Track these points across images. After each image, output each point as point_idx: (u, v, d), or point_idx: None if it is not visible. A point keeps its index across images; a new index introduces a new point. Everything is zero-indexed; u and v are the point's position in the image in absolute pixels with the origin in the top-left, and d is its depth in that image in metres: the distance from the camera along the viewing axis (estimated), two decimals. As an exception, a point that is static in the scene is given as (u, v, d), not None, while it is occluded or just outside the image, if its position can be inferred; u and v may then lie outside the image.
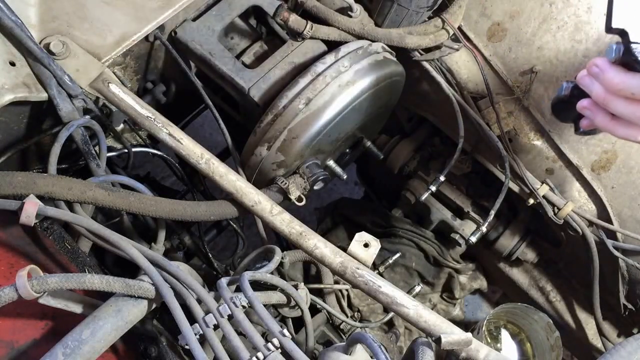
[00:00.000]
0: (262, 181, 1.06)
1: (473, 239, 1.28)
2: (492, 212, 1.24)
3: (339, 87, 1.00)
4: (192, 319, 0.72)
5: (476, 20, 1.22)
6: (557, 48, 1.16)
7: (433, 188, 1.29)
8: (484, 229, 1.27)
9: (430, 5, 1.11)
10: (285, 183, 1.01)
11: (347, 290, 1.25)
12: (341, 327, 1.19)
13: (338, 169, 1.17)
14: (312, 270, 1.22)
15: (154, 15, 1.03)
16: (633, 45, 0.75)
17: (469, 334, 0.80)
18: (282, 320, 1.03)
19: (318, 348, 1.09)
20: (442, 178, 1.27)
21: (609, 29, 0.77)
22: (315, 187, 1.07)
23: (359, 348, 0.78)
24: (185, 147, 0.94)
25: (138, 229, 1.03)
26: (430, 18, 1.17)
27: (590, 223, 1.23)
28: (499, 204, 1.23)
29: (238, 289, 0.78)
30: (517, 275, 1.49)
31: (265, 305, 0.77)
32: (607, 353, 0.72)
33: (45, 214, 0.77)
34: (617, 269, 1.27)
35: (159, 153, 1.09)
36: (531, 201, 1.25)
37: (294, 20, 1.06)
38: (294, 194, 1.01)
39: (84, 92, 0.95)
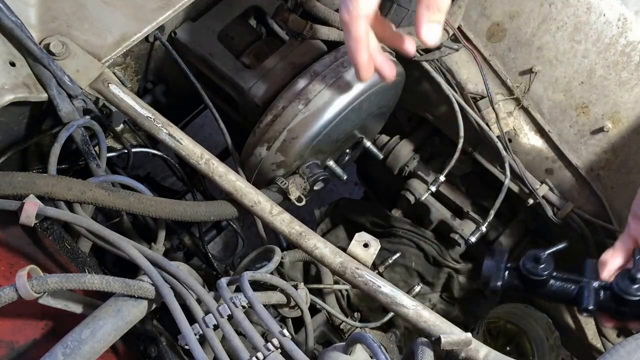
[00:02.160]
0: (261, 181, 1.06)
1: (472, 239, 1.28)
2: (492, 212, 1.24)
3: (338, 87, 1.00)
4: (192, 319, 0.72)
5: (476, 21, 1.22)
6: (556, 48, 1.16)
7: (433, 188, 1.29)
8: (483, 229, 1.27)
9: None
10: (285, 183, 1.01)
11: (346, 290, 1.25)
12: (341, 327, 1.19)
13: (338, 170, 1.17)
14: (312, 270, 1.22)
15: (153, 15, 1.03)
16: None
17: (469, 334, 0.81)
18: (282, 320, 1.03)
19: (318, 348, 1.09)
20: (442, 178, 1.27)
21: None
22: (315, 188, 1.07)
23: (359, 348, 0.78)
24: (185, 147, 0.95)
25: (138, 229, 1.04)
26: (429, 18, 1.17)
27: (590, 223, 1.23)
28: (498, 204, 1.23)
29: (238, 289, 0.78)
30: (517, 275, 1.49)
31: (265, 306, 0.77)
32: (606, 353, 0.73)
33: (45, 214, 0.77)
34: (617, 269, 1.27)
35: (159, 153, 1.09)
36: (531, 201, 1.25)
37: (294, 20, 1.06)
38: (294, 195, 1.01)
39: (84, 93, 0.95)
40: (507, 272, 0.91)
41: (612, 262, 0.89)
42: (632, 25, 1.11)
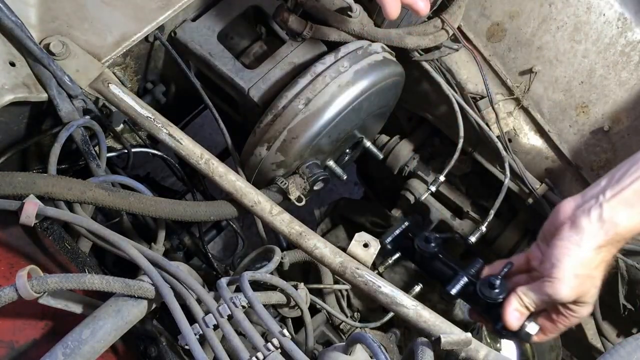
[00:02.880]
0: (261, 181, 1.06)
1: (472, 239, 1.28)
2: (492, 212, 1.24)
3: (338, 87, 1.00)
4: (192, 319, 0.72)
5: (475, 21, 1.22)
6: (556, 48, 1.16)
7: (433, 188, 1.29)
8: (483, 228, 1.27)
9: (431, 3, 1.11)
10: (285, 183, 1.01)
11: (346, 290, 1.25)
12: (341, 327, 1.19)
13: (338, 170, 1.17)
14: (312, 270, 1.22)
15: (153, 15, 1.03)
16: None
17: (469, 334, 0.81)
18: (282, 320, 1.03)
19: (318, 348, 1.09)
20: (442, 178, 1.27)
21: None
22: (315, 188, 1.07)
23: (359, 348, 0.78)
24: (185, 147, 0.95)
25: (138, 229, 1.04)
26: (429, 18, 1.17)
27: (590, 223, 1.23)
28: (498, 204, 1.23)
29: (238, 289, 0.78)
30: (517, 275, 1.49)
31: (265, 306, 0.77)
32: (606, 353, 0.73)
33: (45, 214, 0.77)
34: (617, 269, 1.27)
35: (159, 153, 1.09)
36: (530, 201, 1.25)
37: (294, 20, 1.06)
38: (294, 194, 1.01)
39: (84, 93, 0.95)
40: (403, 238, 1.07)
41: (498, 269, 0.98)
42: (632, 25, 1.11)
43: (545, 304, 0.92)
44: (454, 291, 0.98)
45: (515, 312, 0.92)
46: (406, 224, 1.08)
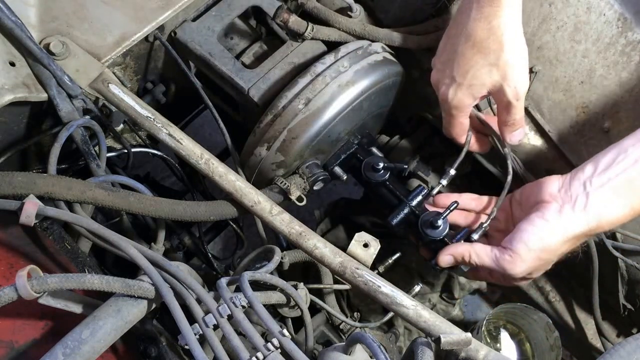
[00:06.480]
0: (261, 181, 1.06)
1: (475, 237, 1.27)
2: (494, 211, 1.24)
3: (338, 87, 1.00)
4: (191, 319, 0.72)
5: (476, 21, 1.21)
6: (556, 48, 1.16)
7: (444, 182, 1.21)
8: (482, 229, 1.27)
9: (435, 1, 1.12)
10: (285, 183, 1.01)
11: (346, 290, 1.25)
12: (341, 327, 1.19)
13: (338, 170, 1.17)
14: (312, 270, 1.22)
15: (153, 15, 1.03)
16: None
17: (469, 334, 0.81)
18: (282, 320, 1.03)
19: (318, 348, 1.09)
20: (452, 172, 1.19)
21: None
22: (315, 187, 1.07)
23: (359, 348, 0.78)
24: (185, 147, 0.95)
25: (138, 229, 1.04)
26: (430, 17, 1.18)
27: (590, 223, 1.23)
28: (500, 202, 1.22)
29: (238, 289, 0.78)
30: (517, 275, 1.49)
31: (265, 305, 0.77)
32: (606, 353, 0.73)
33: (45, 214, 0.77)
34: (617, 269, 1.27)
35: (159, 153, 1.09)
36: (531, 201, 1.25)
37: (294, 21, 1.06)
38: (294, 194, 1.02)
39: (84, 93, 0.95)
40: (349, 162, 1.10)
41: (444, 202, 1.03)
42: (632, 25, 1.11)
43: (493, 270, 0.94)
44: (394, 221, 1.02)
45: (449, 257, 0.99)
46: (354, 148, 1.09)
